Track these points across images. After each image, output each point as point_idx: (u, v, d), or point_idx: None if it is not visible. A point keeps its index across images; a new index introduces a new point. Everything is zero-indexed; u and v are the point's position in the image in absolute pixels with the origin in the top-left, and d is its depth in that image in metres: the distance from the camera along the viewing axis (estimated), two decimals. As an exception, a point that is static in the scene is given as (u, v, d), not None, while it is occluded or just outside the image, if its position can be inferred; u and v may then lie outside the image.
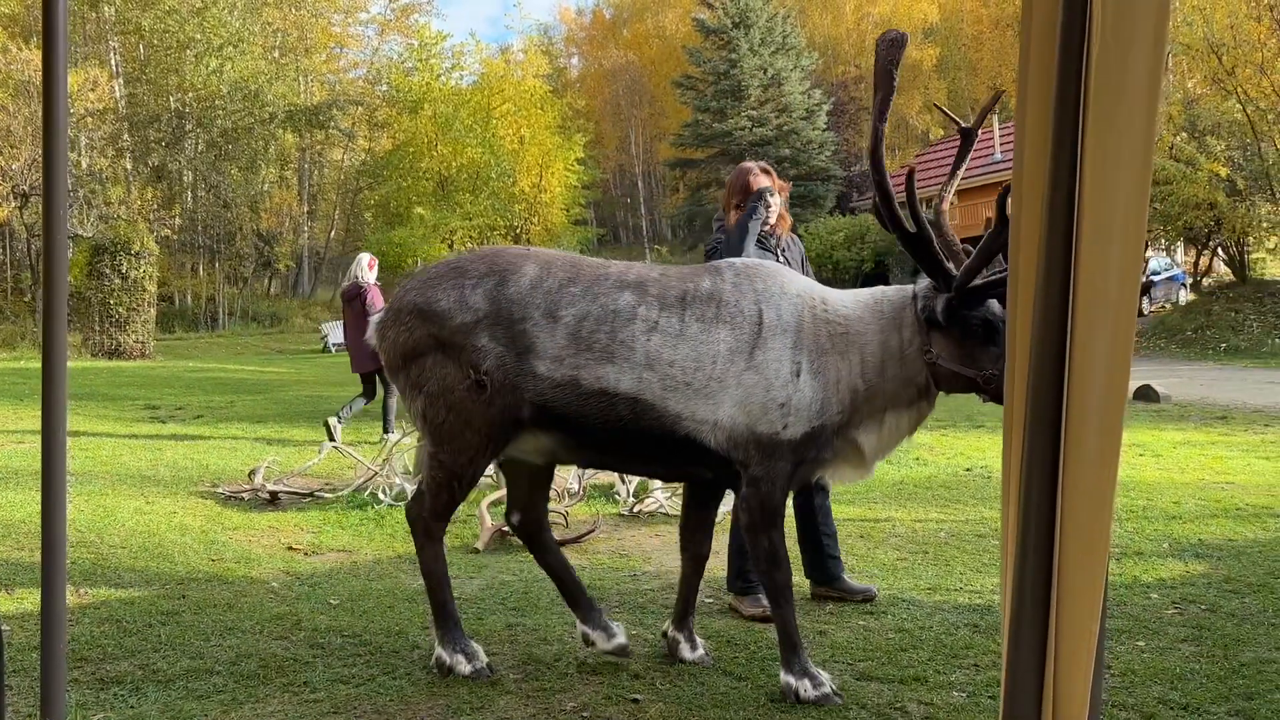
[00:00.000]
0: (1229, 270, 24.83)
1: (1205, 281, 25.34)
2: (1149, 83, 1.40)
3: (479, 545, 5.47)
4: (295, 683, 3.51)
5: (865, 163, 46.68)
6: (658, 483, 6.77)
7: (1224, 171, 21.86)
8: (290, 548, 5.64)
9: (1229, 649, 3.83)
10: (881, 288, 3.56)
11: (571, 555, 5.44)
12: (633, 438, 3.35)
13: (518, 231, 32.88)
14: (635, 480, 6.88)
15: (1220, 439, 9.51)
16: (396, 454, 7.12)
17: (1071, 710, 1.49)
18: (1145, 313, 23.12)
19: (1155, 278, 24.71)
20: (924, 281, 3.37)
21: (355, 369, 9.75)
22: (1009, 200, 1.72)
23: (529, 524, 3.85)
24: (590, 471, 7.27)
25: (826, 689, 3.33)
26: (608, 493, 7.00)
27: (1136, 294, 1.43)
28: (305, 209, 44.28)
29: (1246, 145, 22.86)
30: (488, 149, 30.38)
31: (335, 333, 30.27)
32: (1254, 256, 24.23)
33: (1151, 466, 8.10)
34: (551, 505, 6.21)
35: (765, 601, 4.52)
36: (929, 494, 7.24)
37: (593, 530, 5.79)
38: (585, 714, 3.24)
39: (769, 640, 3.98)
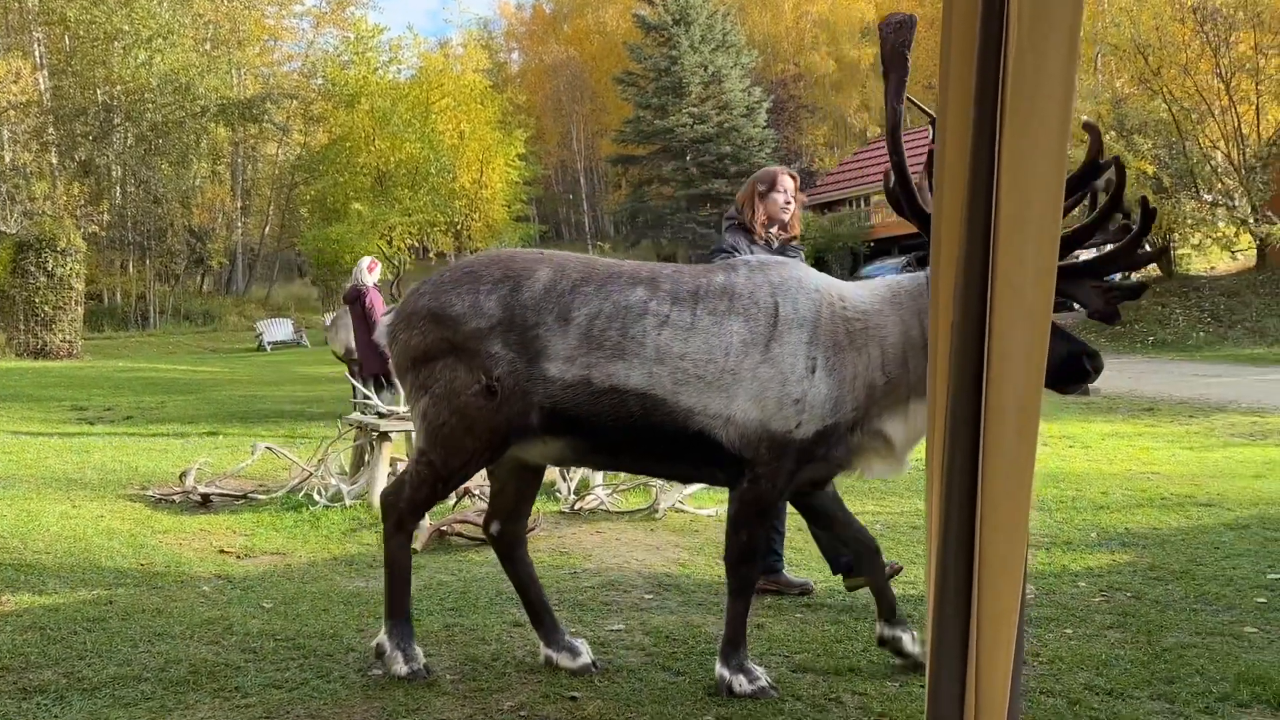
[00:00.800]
0: (1156, 266, 25.54)
1: (1134, 277, 26.01)
2: (1063, 84, 1.43)
3: (417, 546, 5.40)
4: (226, 688, 3.45)
5: (807, 160, 47.00)
6: (599, 479, 6.77)
7: (1151, 169, 22.47)
8: (222, 551, 5.52)
9: (1152, 635, 3.94)
10: (895, 277, 3.50)
11: (511, 554, 5.43)
12: (644, 436, 3.29)
13: (458, 228, 32.59)
14: (577, 477, 6.87)
15: (1147, 430, 9.78)
16: (332, 455, 7.02)
17: (993, 697, 1.52)
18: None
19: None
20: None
21: (365, 371, 9.81)
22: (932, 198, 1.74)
23: (509, 535, 3.74)
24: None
25: (762, 683, 3.35)
26: (549, 490, 6.97)
27: (1052, 289, 1.46)
28: (239, 205, 43.44)
29: (1172, 144, 23.50)
30: (427, 144, 30.03)
31: (270, 330, 29.80)
32: (1180, 253, 24.94)
33: (1081, 458, 8.31)
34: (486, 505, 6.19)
35: (789, 580, 4.63)
36: (865, 486, 7.32)
37: (533, 529, 5.75)
38: (523, 713, 3.23)
39: (708, 635, 4.01)
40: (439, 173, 30.25)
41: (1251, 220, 22.46)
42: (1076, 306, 3.14)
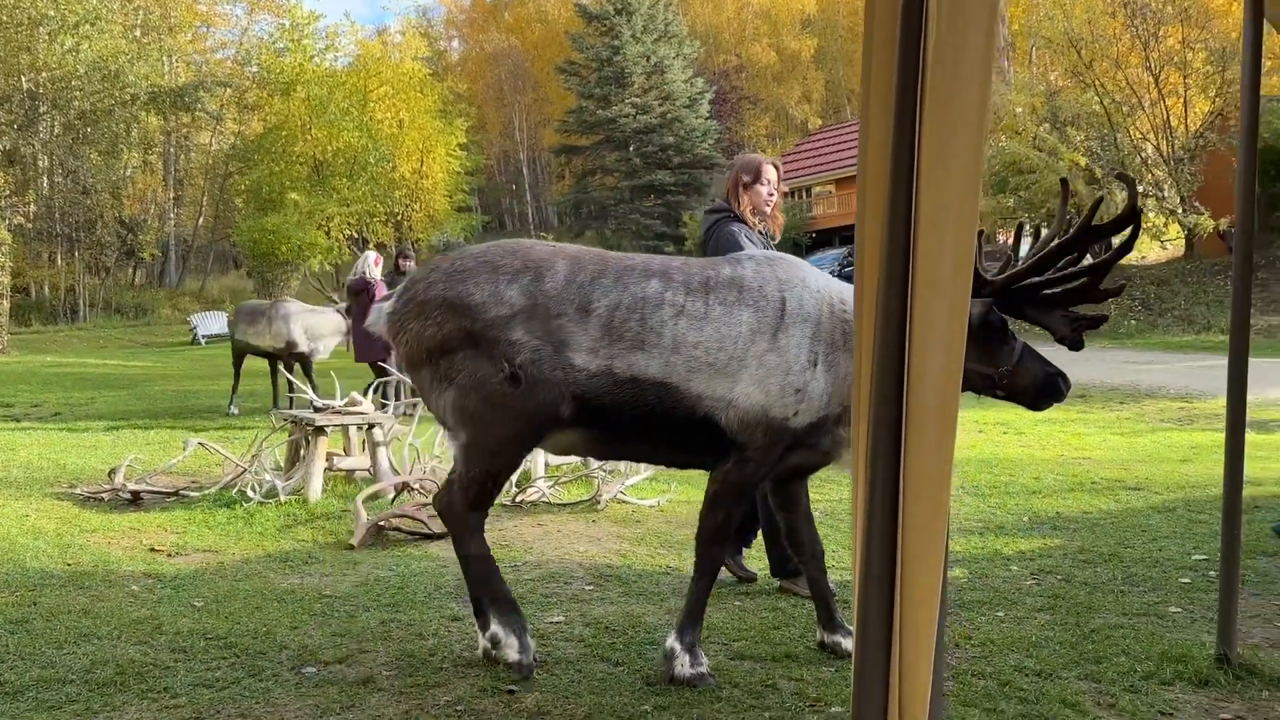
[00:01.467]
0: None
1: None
2: (980, 79, 1.45)
3: (354, 542, 5.34)
4: (154, 689, 3.37)
5: (749, 152, 47.44)
6: (540, 471, 6.74)
7: (1083, 161, 22.98)
8: (152, 549, 5.39)
9: (1081, 616, 4.03)
10: None
11: (452, 547, 5.38)
12: (657, 424, 3.37)
13: (399, 218, 32.16)
14: (518, 470, 6.82)
15: (1079, 416, 10.01)
16: (266, 450, 6.90)
17: (917, 679, 1.54)
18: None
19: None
20: None
21: (360, 359, 10.42)
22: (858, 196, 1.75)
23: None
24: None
25: (703, 669, 3.37)
26: (489, 483, 6.93)
27: (970, 278, 1.47)
28: (171, 195, 42.41)
29: (1104, 135, 24.07)
30: (365, 133, 29.53)
31: (204, 324, 29.17)
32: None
33: (1014, 444, 8.47)
34: (425, 499, 6.12)
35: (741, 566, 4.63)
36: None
37: (472, 521, 5.72)
38: (459, 708, 3.20)
39: (648, 626, 4.01)
40: (378, 162, 29.77)
41: (1180, 211, 23.09)
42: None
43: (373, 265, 10.44)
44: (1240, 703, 3.18)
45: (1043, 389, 3.49)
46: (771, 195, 4.50)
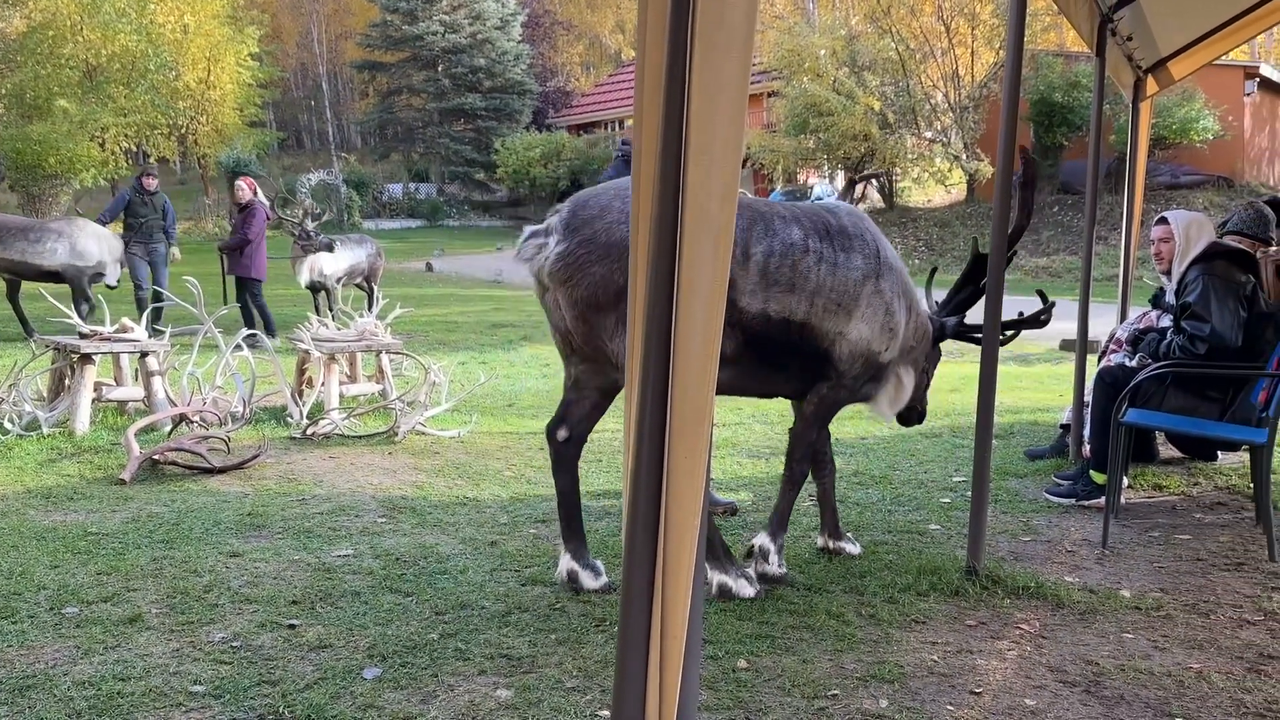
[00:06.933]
0: (880, 197, 27.50)
1: (859, 207, 27.92)
2: (745, 24, 1.47)
3: (124, 476, 5.02)
4: (-114, 640, 3.08)
5: (563, 79, 46.52)
6: (334, 403, 6.54)
7: (877, 106, 24.01)
8: (-111, 487, 4.90)
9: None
10: None
11: (233, 481, 5.16)
12: (789, 361, 3.62)
13: (183, 131, 29.86)
14: (310, 402, 6.59)
15: (863, 349, 10.58)
16: (26, 378, 6.35)
17: (678, 592, 1.61)
18: None
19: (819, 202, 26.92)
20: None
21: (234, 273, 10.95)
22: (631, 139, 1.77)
23: (574, 444, 3.80)
24: (260, 394, 6.89)
25: (785, 570, 3.78)
26: (279, 415, 6.67)
27: (734, 212, 1.52)
28: (-84, 95, 37.68)
29: (898, 82, 25.18)
30: (144, 37, 27.02)
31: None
32: (901, 185, 26.96)
33: (804, 374, 8.88)
34: (214, 430, 5.83)
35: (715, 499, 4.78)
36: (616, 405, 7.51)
37: (258, 455, 5.50)
38: (235, 644, 3.09)
39: (440, 555, 4.00)
40: (159, 69, 27.34)
41: (963, 157, 24.57)
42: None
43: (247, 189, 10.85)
44: (985, 610, 3.50)
45: (911, 418, 4.28)
46: None
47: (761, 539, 3.79)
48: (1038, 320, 4.03)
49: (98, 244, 10.25)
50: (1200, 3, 5.91)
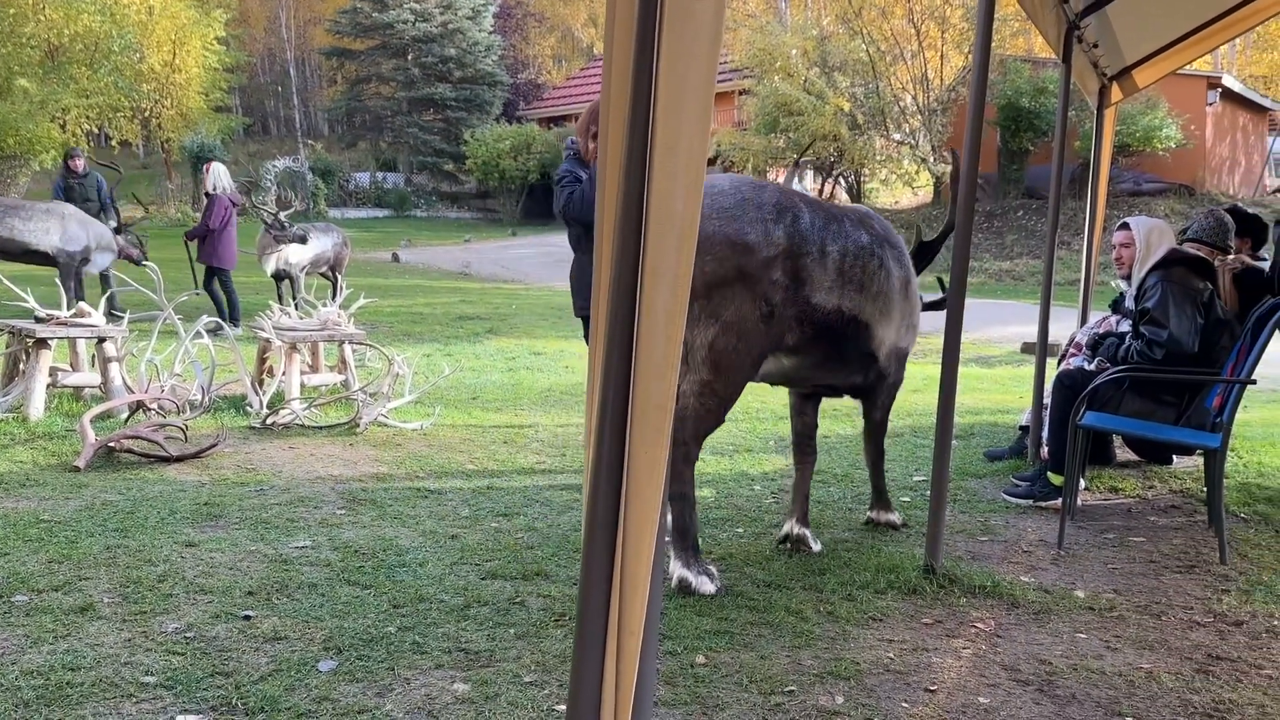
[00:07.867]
0: (848, 197, 27.65)
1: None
2: (712, 24, 1.47)
3: (79, 463, 4.94)
4: None
5: (534, 72, 46.33)
6: (295, 393, 6.47)
7: (847, 106, 24.13)
8: None
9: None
10: None
11: (190, 470, 5.09)
12: (844, 357, 3.88)
13: (146, 115, 29.36)
14: (271, 391, 6.52)
15: (828, 348, 10.64)
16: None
17: (636, 587, 1.61)
18: None
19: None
20: None
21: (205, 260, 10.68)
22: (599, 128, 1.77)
23: (806, 429, 4.24)
24: (219, 382, 6.81)
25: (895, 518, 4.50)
26: (238, 404, 6.58)
27: (698, 208, 1.51)
28: None
29: (868, 83, 25.30)
30: (108, 17, 26.54)
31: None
32: (868, 186, 27.12)
33: (769, 372, 8.91)
34: (171, 418, 5.75)
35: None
36: (572, 400, 7.51)
37: (215, 444, 5.42)
38: (189, 634, 3.05)
39: (399, 548, 3.97)
40: (123, 51, 26.86)
41: (931, 159, 24.76)
42: None
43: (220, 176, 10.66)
44: (942, 609, 3.53)
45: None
46: None
47: (873, 513, 4.50)
48: (936, 305, 4.44)
49: (84, 229, 10.10)
50: (1164, 12, 5.99)
